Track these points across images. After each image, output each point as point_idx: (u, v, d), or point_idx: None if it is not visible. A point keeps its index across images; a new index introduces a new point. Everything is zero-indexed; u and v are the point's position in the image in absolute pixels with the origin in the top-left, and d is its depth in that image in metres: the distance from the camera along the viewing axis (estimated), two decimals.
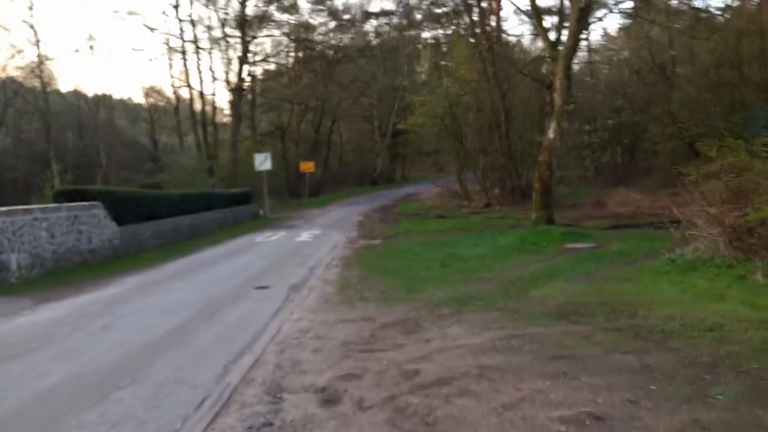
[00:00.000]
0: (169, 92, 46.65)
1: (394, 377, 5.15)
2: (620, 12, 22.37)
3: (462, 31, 39.88)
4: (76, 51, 71.29)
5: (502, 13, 30.96)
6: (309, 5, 52.74)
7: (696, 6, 25.25)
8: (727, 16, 27.36)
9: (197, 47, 39.04)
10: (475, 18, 32.07)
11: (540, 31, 16.27)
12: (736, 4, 26.99)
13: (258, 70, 47.41)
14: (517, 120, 32.76)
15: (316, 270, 12.31)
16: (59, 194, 14.01)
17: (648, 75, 24.06)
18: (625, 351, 5.31)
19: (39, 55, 38.10)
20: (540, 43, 34.89)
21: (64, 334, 7.34)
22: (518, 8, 44.23)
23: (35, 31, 37.47)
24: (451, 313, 7.43)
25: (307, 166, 41.62)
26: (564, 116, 14.92)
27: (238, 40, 40.41)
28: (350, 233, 20.78)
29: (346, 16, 51.87)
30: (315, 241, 18.53)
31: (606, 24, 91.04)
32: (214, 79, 41.41)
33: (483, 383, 4.81)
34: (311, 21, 49.09)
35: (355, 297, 9.02)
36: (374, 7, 67.19)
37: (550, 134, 15.03)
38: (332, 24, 50.94)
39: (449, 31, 45.49)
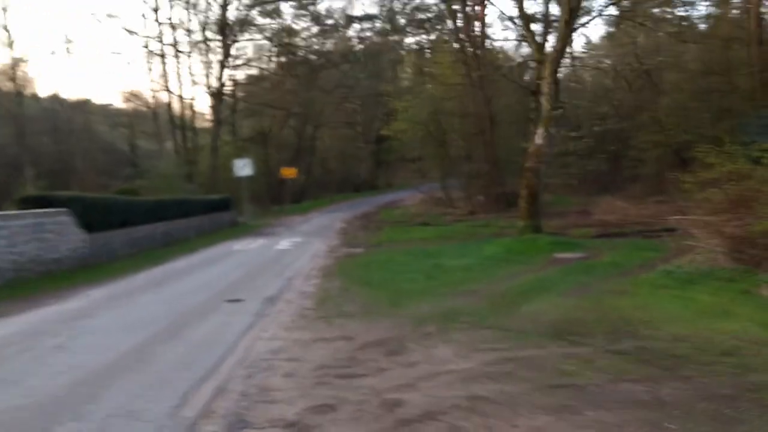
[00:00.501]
0: (148, 97, 45.70)
1: (375, 409, 4.55)
2: (607, 16, 22.19)
3: (446, 37, 39.61)
4: (53, 53, 69.78)
5: (486, 19, 30.61)
6: (292, 10, 51.92)
7: (679, 14, 25.14)
8: (709, 24, 27.38)
9: (177, 50, 38.31)
10: (460, 23, 31.71)
11: (528, 34, 15.85)
12: (717, 12, 26.93)
13: (240, 75, 46.69)
14: (501, 127, 32.38)
15: (294, 281, 11.68)
16: (24, 200, 13.22)
17: (635, 81, 23.74)
18: (632, 379, 4.75)
19: (12, 57, 37.09)
20: (524, 50, 34.74)
21: (7, 356, 6.64)
22: (504, 13, 44.02)
23: (9, 33, 36.49)
24: (438, 330, 6.85)
25: (289, 172, 40.90)
26: (552, 121, 14.46)
27: (219, 44, 39.72)
28: (332, 241, 20.18)
29: (329, 21, 51.36)
30: (295, 250, 17.90)
31: (589, 32, 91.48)
32: (194, 83, 40.74)
33: (474, 418, 4.23)
34: (294, 26, 48.55)
35: (334, 312, 8.41)
36: (358, 11, 66.42)
37: (538, 140, 14.55)
38: (315, 29, 50.41)
39: (433, 37, 45.26)
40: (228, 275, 12.71)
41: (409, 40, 52.81)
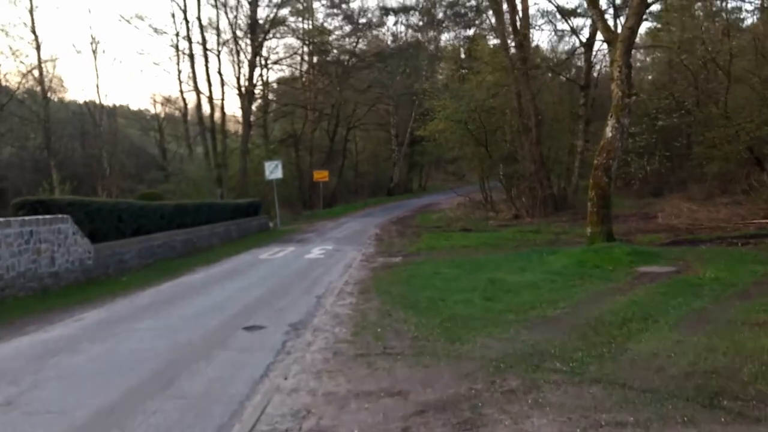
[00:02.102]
0: (178, 99, 44.55)
1: None
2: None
3: (485, 31, 37.61)
4: (78, 51, 68.93)
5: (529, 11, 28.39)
6: (324, 9, 50.32)
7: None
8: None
9: (205, 49, 36.96)
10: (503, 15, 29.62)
11: (594, 12, 13.71)
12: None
13: (270, 76, 45.36)
14: (547, 125, 30.26)
15: (325, 300, 9.83)
16: (19, 206, 11.57)
17: (701, 70, 21.38)
18: None
19: (39, 60, 36.13)
20: (565, 46, 32.50)
21: None
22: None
23: (36, 35, 35.55)
24: (523, 386, 4.90)
25: (321, 175, 39.32)
26: (625, 110, 12.35)
27: (249, 43, 38.32)
28: (366, 249, 18.34)
29: (362, 20, 49.68)
30: (327, 259, 16.10)
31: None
32: (223, 83, 39.11)
33: None
34: (326, 25, 47.02)
35: (375, 347, 6.53)
36: (394, 2, 64.19)
37: (608, 132, 12.42)
38: (348, 28, 48.79)
39: (471, 32, 43.25)
40: (249, 292, 10.91)
41: (446, 36, 50.91)
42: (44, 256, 10.87)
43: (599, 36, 25.00)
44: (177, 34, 39.08)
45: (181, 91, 45.92)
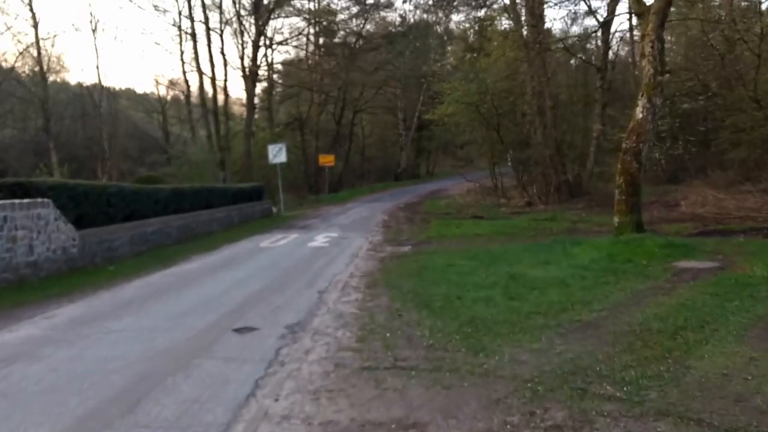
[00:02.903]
0: (180, 80, 43.46)
1: None
2: None
3: (496, 12, 36.29)
4: (77, 30, 67.05)
5: None
6: None
7: None
8: None
9: (208, 29, 35.82)
10: None
11: None
12: None
13: (276, 57, 44.16)
14: (560, 108, 29.07)
15: (327, 296, 8.86)
16: None
17: (728, 50, 20.15)
18: None
19: (37, 38, 35.08)
20: (577, 29, 31.13)
21: None
22: None
23: (33, 13, 34.49)
24: (572, 421, 3.91)
25: (327, 160, 38.29)
26: (658, 89, 11.25)
27: (252, 23, 37.17)
28: (374, 236, 17.40)
29: (370, 1, 48.19)
30: (331, 247, 15.14)
31: None
32: (226, 64, 38.01)
33: None
34: (333, 6, 45.65)
35: (384, 358, 5.55)
36: None
37: (639, 113, 11.32)
38: (355, 9, 47.37)
39: (481, 13, 41.78)
40: (245, 285, 9.95)
41: (457, 18, 49.45)
42: (21, 244, 9.93)
43: (618, 14, 23.88)
44: (180, 13, 37.96)
45: (184, 72, 44.93)
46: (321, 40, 46.45)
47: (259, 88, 42.42)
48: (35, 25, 34.38)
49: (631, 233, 11.07)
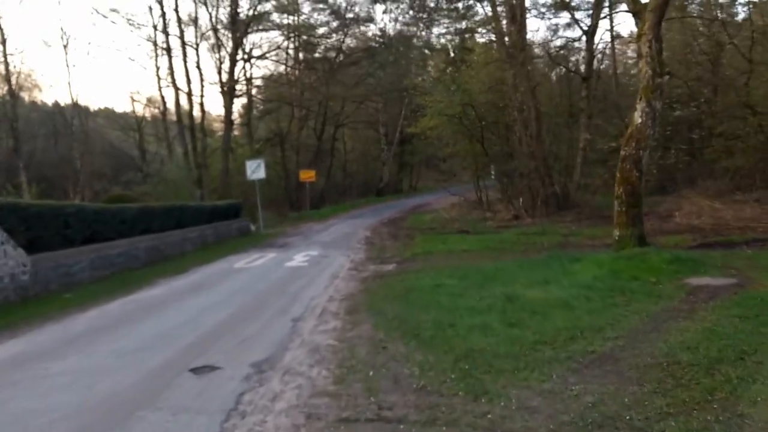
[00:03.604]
0: (156, 97, 42.39)
1: None
2: None
3: (477, 25, 35.89)
4: (48, 46, 65.16)
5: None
6: (310, 3, 48.07)
7: None
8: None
9: (183, 43, 34.79)
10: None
11: None
12: None
13: (255, 72, 43.26)
14: (543, 119, 28.40)
15: (303, 324, 7.89)
16: None
17: (719, 55, 19.60)
18: None
19: (5, 55, 33.83)
20: (558, 40, 30.70)
21: None
22: None
23: (1, 29, 33.29)
24: None
25: (308, 175, 37.32)
26: (657, 92, 10.48)
27: (229, 36, 36.24)
28: (356, 254, 16.46)
29: (350, 15, 47.49)
30: (310, 267, 14.17)
31: None
32: (202, 78, 36.99)
33: None
34: (312, 21, 44.87)
35: (366, 406, 4.61)
36: None
37: (637, 118, 10.52)
38: (335, 24, 46.63)
39: (463, 25, 41.25)
40: (212, 313, 8.93)
41: (437, 30, 48.90)
42: None
43: (601, 24, 23.38)
44: (155, 27, 36.85)
45: (160, 88, 43.76)
46: (301, 55, 45.65)
47: (239, 103, 41.47)
48: (2, 41, 33.19)
49: (633, 247, 10.23)
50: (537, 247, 15.54)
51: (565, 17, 42.73)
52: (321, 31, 44.92)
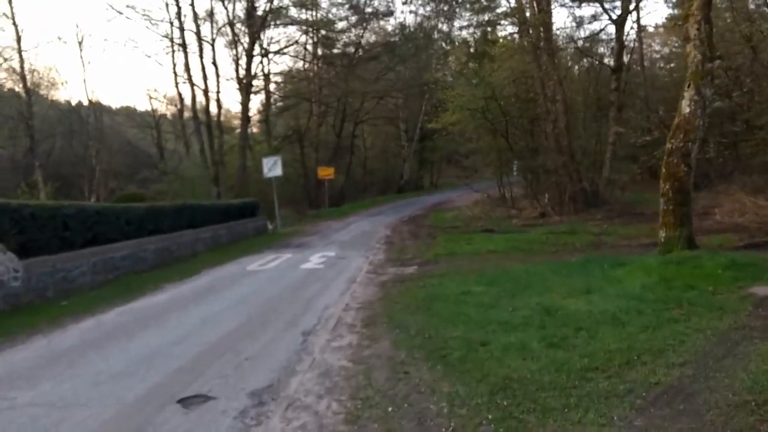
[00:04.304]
0: (173, 93, 41.84)
1: None
2: None
3: (500, 17, 34.78)
4: (64, 42, 64.09)
5: None
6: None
7: None
8: None
9: (200, 39, 34.11)
10: None
11: None
12: None
13: (273, 68, 42.51)
14: (572, 113, 27.23)
15: (314, 339, 7.02)
16: None
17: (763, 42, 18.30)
18: None
19: (20, 52, 33.43)
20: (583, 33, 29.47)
21: None
22: None
23: (16, 25, 32.85)
24: None
25: (326, 173, 36.54)
26: (707, 78, 9.41)
27: (246, 31, 35.48)
28: (375, 255, 15.62)
29: (369, 9, 46.48)
30: (327, 270, 13.33)
31: None
32: (218, 74, 36.32)
33: None
34: (330, 16, 43.94)
35: None
36: None
37: (685, 107, 9.44)
38: (354, 18, 45.65)
39: (485, 17, 40.07)
40: (215, 325, 8.08)
41: (459, 23, 47.82)
42: None
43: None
44: (171, 23, 36.18)
45: (177, 85, 43.21)
46: (319, 51, 44.82)
47: (257, 100, 40.74)
48: (17, 38, 32.78)
49: (681, 250, 9.16)
50: (569, 248, 14.53)
51: (589, 9, 41.47)
52: (340, 26, 44.07)
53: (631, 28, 28.07)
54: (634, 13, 30.37)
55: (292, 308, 9.05)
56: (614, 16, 25.70)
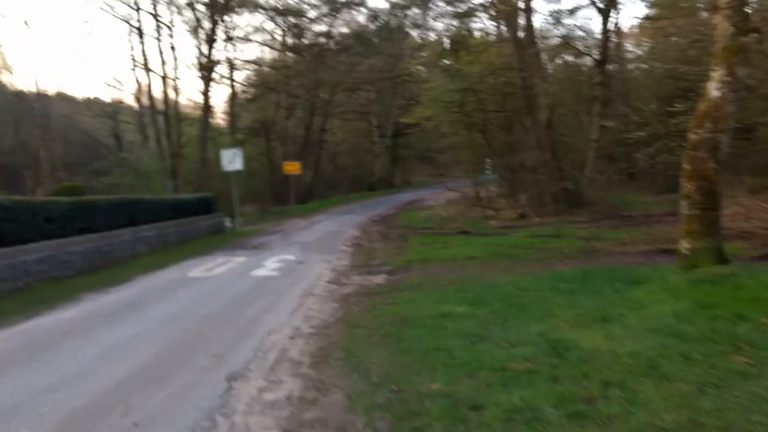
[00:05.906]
0: (130, 81, 39.34)
1: None
2: None
3: (479, 9, 33.02)
4: (2, 17, 59.22)
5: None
6: None
7: None
8: None
9: (158, 21, 31.75)
10: None
11: None
12: None
13: (238, 56, 40.26)
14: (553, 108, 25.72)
15: (242, 386, 5.12)
16: None
17: None
18: None
19: None
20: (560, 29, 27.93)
21: None
22: None
23: None
24: None
25: (292, 168, 34.46)
26: (741, 54, 7.72)
27: (207, 14, 33.20)
28: (339, 260, 13.79)
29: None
30: (282, 278, 11.46)
31: None
32: (175, 59, 33.92)
33: None
34: (301, 5, 41.76)
35: None
36: None
37: (713, 90, 7.69)
38: (325, 8, 43.53)
39: (460, 7, 38.31)
40: (118, 360, 6.13)
41: (434, 13, 45.96)
42: None
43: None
44: (128, 5, 33.73)
45: (134, 69, 40.67)
46: (289, 40, 42.67)
47: (223, 92, 38.50)
48: None
49: (711, 265, 7.45)
50: (557, 255, 12.83)
51: (567, 3, 39.98)
52: (311, 15, 41.95)
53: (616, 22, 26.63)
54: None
55: (225, 334, 7.13)
56: (601, 5, 24.11)
